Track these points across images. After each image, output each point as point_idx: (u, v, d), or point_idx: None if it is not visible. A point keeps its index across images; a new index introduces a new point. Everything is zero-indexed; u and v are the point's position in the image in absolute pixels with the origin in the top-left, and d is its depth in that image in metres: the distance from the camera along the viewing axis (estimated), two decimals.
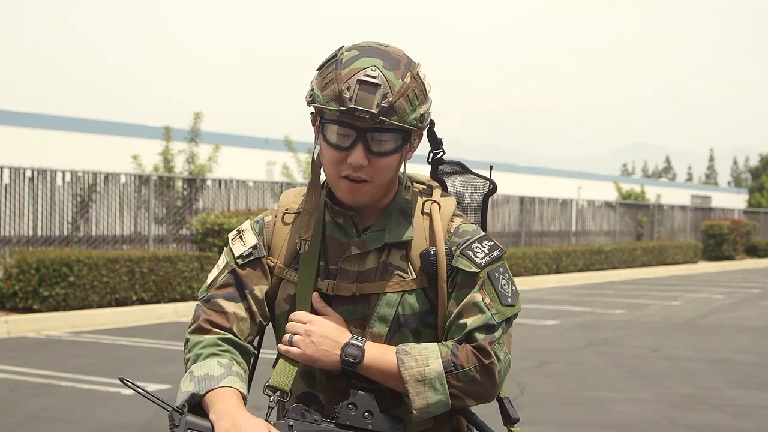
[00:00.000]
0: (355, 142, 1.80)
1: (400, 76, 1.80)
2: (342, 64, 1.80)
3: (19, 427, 6.39)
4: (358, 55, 1.81)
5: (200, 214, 15.94)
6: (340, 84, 1.77)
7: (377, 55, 1.81)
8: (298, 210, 1.96)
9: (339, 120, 1.80)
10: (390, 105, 1.77)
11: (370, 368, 1.79)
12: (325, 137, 1.83)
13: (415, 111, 1.81)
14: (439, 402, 1.77)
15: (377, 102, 1.76)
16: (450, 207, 1.93)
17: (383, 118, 1.77)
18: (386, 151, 1.82)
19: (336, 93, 1.77)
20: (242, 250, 1.92)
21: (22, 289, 12.27)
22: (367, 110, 1.75)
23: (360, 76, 1.77)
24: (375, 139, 1.80)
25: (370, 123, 1.77)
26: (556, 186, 39.06)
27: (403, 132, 1.82)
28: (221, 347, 1.84)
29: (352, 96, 1.76)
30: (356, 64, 1.79)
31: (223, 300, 1.89)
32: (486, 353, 1.78)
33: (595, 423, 6.75)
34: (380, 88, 1.76)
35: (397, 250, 1.88)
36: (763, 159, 55.64)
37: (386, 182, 1.87)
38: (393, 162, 1.84)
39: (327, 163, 1.85)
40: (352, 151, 1.80)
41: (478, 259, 1.84)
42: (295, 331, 1.82)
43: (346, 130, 1.80)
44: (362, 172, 1.81)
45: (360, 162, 1.80)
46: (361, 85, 1.76)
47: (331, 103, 1.78)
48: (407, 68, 1.82)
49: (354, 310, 1.86)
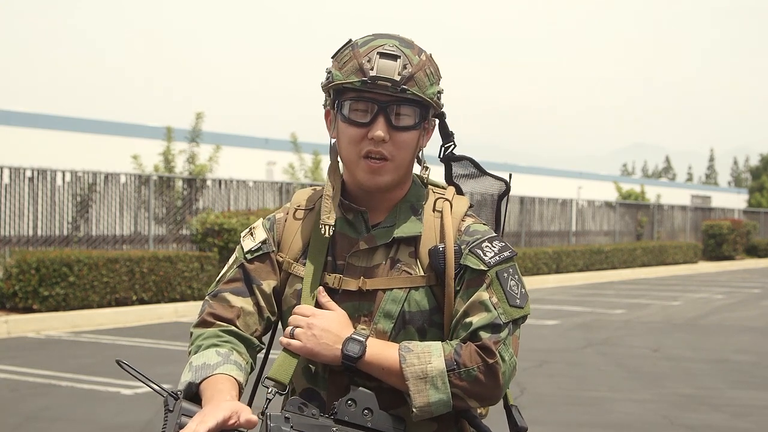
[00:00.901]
0: (375, 116, 1.81)
1: (417, 54, 1.84)
2: (358, 45, 1.84)
3: (19, 427, 6.39)
4: (372, 37, 1.85)
5: (200, 214, 15.94)
6: (360, 58, 1.80)
7: (391, 37, 1.86)
8: (309, 207, 1.96)
9: (359, 96, 1.81)
10: (410, 75, 1.80)
11: (372, 364, 1.78)
12: (344, 116, 1.84)
13: (432, 86, 1.85)
14: (440, 401, 1.75)
15: (398, 71, 1.79)
16: (462, 207, 1.92)
17: (405, 87, 1.79)
18: (406, 126, 1.83)
19: (356, 66, 1.80)
20: (251, 245, 1.93)
21: (22, 289, 12.27)
22: (389, 77, 1.78)
23: (380, 50, 1.81)
24: (395, 113, 1.82)
25: (391, 92, 1.79)
26: (556, 186, 39.05)
27: (422, 107, 1.84)
28: (222, 338, 1.83)
29: (374, 66, 1.79)
30: (373, 43, 1.83)
31: (230, 294, 1.88)
32: (490, 353, 1.76)
33: (595, 423, 6.75)
34: (400, 59, 1.80)
35: (406, 247, 1.87)
36: (763, 159, 55.63)
37: (405, 163, 1.86)
38: (412, 139, 1.85)
39: (346, 142, 1.85)
40: (373, 125, 1.81)
41: (487, 258, 1.82)
42: (297, 324, 1.81)
43: (366, 104, 1.81)
44: (383, 147, 1.82)
45: (381, 135, 1.80)
46: (382, 56, 1.80)
47: (351, 76, 1.80)
48: (421, 50, 1.86)
49: (360, 306, 1.85)
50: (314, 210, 1.95)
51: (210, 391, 1.70)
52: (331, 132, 1.91)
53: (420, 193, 1.93)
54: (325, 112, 1.93)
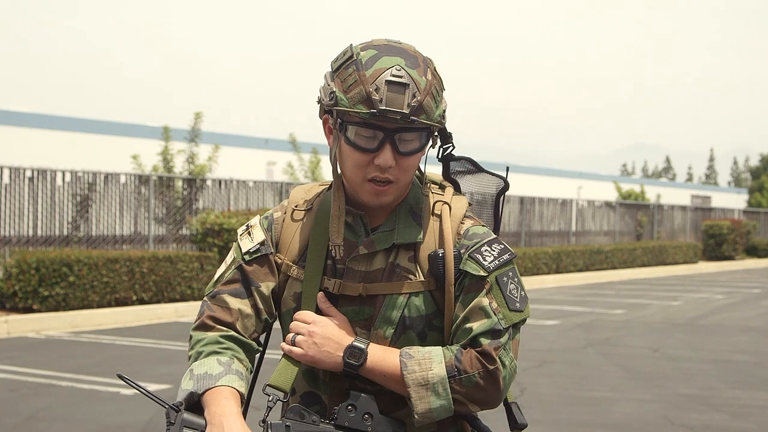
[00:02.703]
0: (382, 143, 1.77)
1: (423, 74, 1.78)
2: (363, 64, 1.76)
3: (19, 427, 6.39)
4: (377, 54, 1.78)
5: (200, 214, 15.94)
6: (367, 86, 1.74)
7: (397, 54, 1.78)
8: (307, 207, 1.95)
9: (365, 123, 1.77)
10: (419, 104, 1.75)
11: (373, 371, 1.78)
12: (348, 140, 1.79)
13: (438, 108, 1.81)
14: (442, 407, 1.76)
15: (407, 102, 1.74)
16: (461, 208, 1.91)
17: (414, 117, 1.75)
18: (412, 151, 1.81)
19: (363, 95, 1.74)
20: (249, 246, 1.91)
21: (22, 289, 12.27)
22: (399, 111, 1.73)
23: (387, 77, 1.74)
24: (402, 140, 1.79)
25: (399, 124, 1.76)
26: (556, 186, 39.06)
27: (427, 130, 1.81)
28: (222, 345, 1.83)
29: (382, 98, 1.73)
30: (379, 64, 1.76)
31: (229, 296, 1.88)
32: (491, 359, 1.76)
33: (595, 423, 6.75)
34: (409, 88, 1.75)
35: (405, 252, 1.86)
36: (763, 159, 55.63)
37: (409, 182, 1.86)
38: (417, 161, 1.84)
39: (351, 166, 1.81)
40: (380, 152, 1.78)
41: (486, 263, 1.81)
42: (299, 331, 1.81)
43: (373, 132, 1.77)
44: (389, 173, 1.80)
45: (389, 163, 1.78)
46: (390, 85, 1.74)
47: (358, 105, 1.75)
48: (426, 65, 1.80)
49: (360, 311, 1.85)
50: (312, 210, 1.94)
51: (215, 405, 1.71)
52: (331, 143, 1.87)
53: (419, 196, 1.91)
54: (323, 119, 1.89)
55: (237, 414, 1.70)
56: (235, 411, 1.70)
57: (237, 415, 1.70)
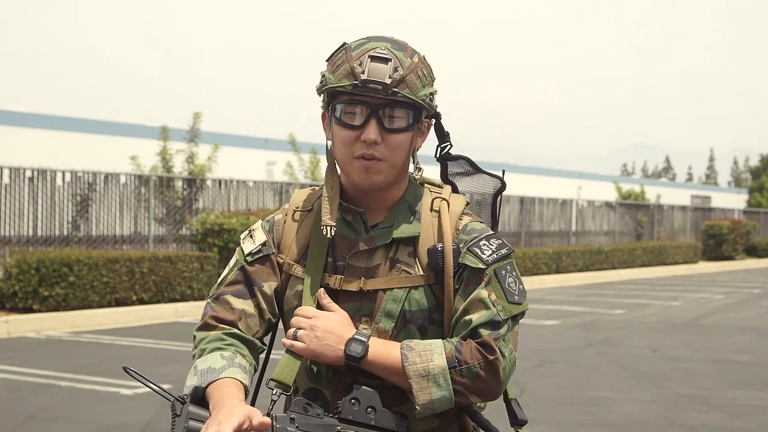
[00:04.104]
0: (368, 118, 1.84)
1: (409, 56, 1.86)
2: (351, 48, 1.86)
3: (19, 427, 6.39)
4: (365, 41, 1.88)
5: (200, 214, 15.94)
6: (352, 62, 1.83)
7: (384, 40, 1.88)
8: (307, 208, 1.98)
9: (351, 99, 1.84)
10: (401, 78, 1.82)
11: (374, 363, 1.80)
12: (337, 119, 1.86)
13: (425, 88, 1.86)
14: (443, 398, 1.78)
15: (389, 74, 1.81)
16: (459, 205, 1.95)
17: (396, 89, 1.81)
18: (399, 128, 1.85)
19: (348, 70, 1.82)
20: (252, 248, 1.95)
21: (22, 289, 12.27)
22: (379, 81, 1.80)
23: (371, 53, 1.83)
24: (387, 115, 1.84)
25: (382, 96, 1.81)
26: (556, 186, 39.05)
27: (414, 109, 1.86)
28: (225, 341, 1.86)
29: (365, 70, 1.81)
30: (366, 46, 1.85)
31: (232, 297, 1.91)
32: (490, 349, 1.79)
33: (595, 423, 6.75)
34: (391, 62, 1.82)
35: (405, 247, 1.90)
36: (763, 159, 55.63)
37: (399, 164, 1.88)
38: (405, 140, 1.87)
39: (340, 144, 1.87)
40: (366, 127, 1.84)
41: (485, 256, 1.85)
42: (300, 326, 1.83)
43: (358, 107, 1.84)
44: (375, 149, 1.84)
45: (373, 137, 1.83)
46: (373, 59, 1.82)
47: (343, 80, 1.83)
48: (414, 52, 1.88)
49: (361, 306, 1.88)
50: (312, 211, 1.97)
51: (217, 395, 1.71)
52: (328, 134, 1.93)
53: (417, 193, 1.95)
54: (322, 115, 1.96)
55: (240, 399, 1.71)
56: (238, 397, 1.71)
57: (240, 400, 1.70)
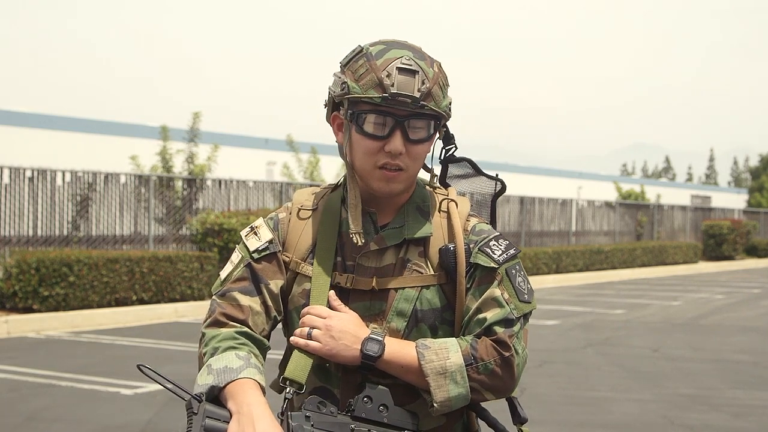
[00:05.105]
0: (393, 129, 1.83)
1: (430, 66, 1.85)
2: (373, 56, 1.84)
3: (19, 427, 6.39)
4: (385, 48, 1.85)
5: (200, 214, 15.94)
6: (379, 73, 1.81)
7: (404, 47, 1.86)
8: (313, 207, 1.98)
9: (377, 109, 1.83)
10: (428, 90, 1.82)
11: (390, 363, 1.80)
12: (360, 128, 1.85)
13: (445, 98, 1.88)
14: (460, 395, 1.78)
15: (417, 87, 1.81)
16: (466, 206, 1.97)
17: (424, 102, 1.82)
18: (421, 139, 1.86)
19: (376, 81, 1.81)
20: (258, 245, 1.93)
21: (22, 289, 12.27)
22: (409, 95, 1.80)
23: (398, 64, 1.81)
24: (411, 127, 1.85)
25: (410, 109, 1.82)
26: (556, 186, 39.06)
27: (434, 119, 1.87)
28: (238, 340, 1.84)
29: (394, 82, 1.80)
30: (389, 55, 1.83)
31: (239, 293, 1.89)
32: (506, 346, 1.81)
33: (595, 423, 6.75)
34: (418, 74, 1.82)
35: (415, 247, 1.91)
36: (763, 159, 55.62)
37: (417, 172, 1.91)
38: (426, 150, 1.90)
39: (362, 153, 1.86)
40: (390, 139, 1.84)
41: (496, 256, 1.87)
42: (314, 325, 1.82)
43: (383, 118, 1.83)
44: (399, 160, 1.85)
45: (399, 149, 1.83)
46: (401, 71, 1.81)
47: (370, 91, 1.81)
48: (432, 60, 1.88)
49: (371, 306, 1.88)
50: (318, 210, 1.97)
51: (241, 395, 1.70)
52: (341, 138, 1.92)
53: (425, 195, 1.97)
54: (332, 117, 1.94)
55: (265, 404, 1.70)
56: (263, 401, 1.70)
57: (265, 405, 1.70)
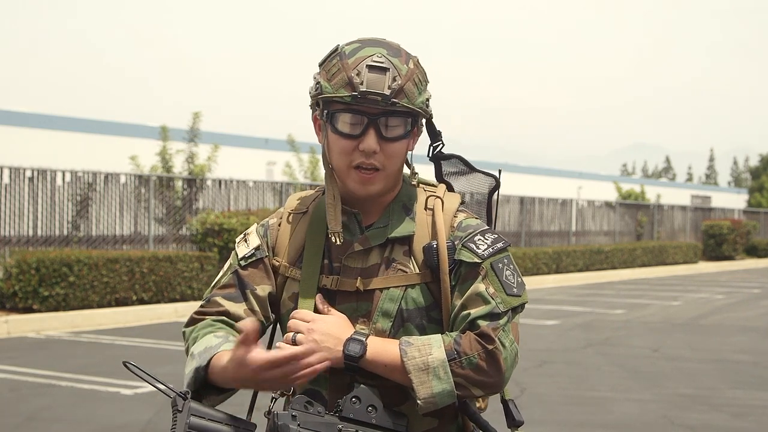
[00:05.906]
0: (366, 128, 1.83)
1: (404, 62, 1.84)
2: (346, 55, 1.83)
3: (19, 427, 6.39)
4: (359, 46, 1.85)
5: (200, 214, 15.94)
6: (349, 71, 1.81)
7: (379, 45, 1.86)
8: (302, 210, 1.98)
9: (349, 108, 1.82)
10: (400, 87, 1.81)
11: (374, 362, 1.79)
12: (334, 128, 1.84)
13: (421, 95, 1.86)
14: (444, 391, 1.76)
15: (388, 84, 1.80)
16: (454, 203, 1.95)
17: (395, 100, 1.80)
18: (396, 137, 1.85)
19: (345, 80, 1.80)
20: (245, 252, 1.95)
21: (22, 289, 12.27)
22: (379, 92, 1.79)
23: (368, 62, 1.81)
24: (385, 124, 1.83)
25: (381, 106, 1.81)
26: (556, 186, 39.04)
27: (411, 116, 1.86)
28: (215, 326, 1.87)
29: (363, 80, 1.79)
30: (361, 53, 1.83)
31: (222, 299, 1.91)
32: (489, 339, 1.77)
33: (595, 423, 6.75)
34: (389, 71, 1.81)
35: (400, 246, 1.90)
36: (763, 159, 55.61)
37: (396, 171, 1.89)
38: (402, 148, 1.88)
39: (337, 153, 1.86)
40: (364, 137, 1.83)
41: (480, 251, 1.85)
42: (298, 330, 1.82)
43: (356, 117, 1.83)
44: (374, 158, 1.84)
45: (372, 147, 1.82)
46: (371, 69, 1.80)
47: (341, 90, 1.81)
48: (408, 56, 1.87)
49: (358, 307, 1.87)
50: (308, 213, 1.97)
51: (225, 357, 1.72)
52: (320, 138, 1.93)
53: (411, 193, 1.95)
54: (313, 118, 1.94)
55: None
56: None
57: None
